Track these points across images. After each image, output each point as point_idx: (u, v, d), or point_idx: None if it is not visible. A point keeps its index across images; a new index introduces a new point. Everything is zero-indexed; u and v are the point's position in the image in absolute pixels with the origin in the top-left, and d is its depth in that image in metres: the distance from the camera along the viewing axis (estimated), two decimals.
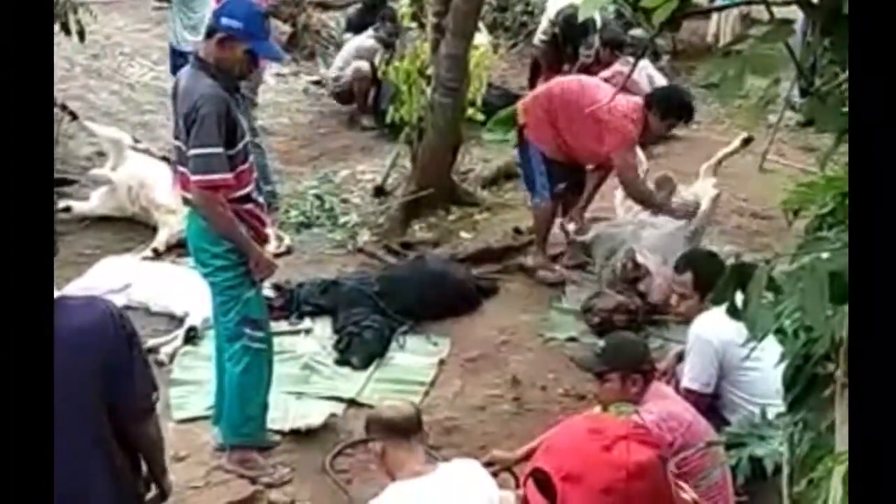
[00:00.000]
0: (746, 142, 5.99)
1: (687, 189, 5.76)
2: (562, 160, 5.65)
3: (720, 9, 7.95)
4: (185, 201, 3.99)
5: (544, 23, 8.72)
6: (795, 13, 1.91)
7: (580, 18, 1.87)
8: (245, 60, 3.85)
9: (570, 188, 5.79)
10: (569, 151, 5.63)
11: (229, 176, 3.78)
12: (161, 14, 9.29)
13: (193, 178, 3.75)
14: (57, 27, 6.82)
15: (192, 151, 3.73)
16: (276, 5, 9.15)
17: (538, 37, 8.77)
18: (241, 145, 3.86)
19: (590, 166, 5.94)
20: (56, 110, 6.69)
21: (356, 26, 8.62)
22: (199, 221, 3.94)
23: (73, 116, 6.66)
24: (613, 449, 3.09)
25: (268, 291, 5.16)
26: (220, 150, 3.73)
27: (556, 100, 5.57)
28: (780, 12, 1.90)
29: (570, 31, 8.10)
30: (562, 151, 5.61)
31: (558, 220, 6.10)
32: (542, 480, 3.12)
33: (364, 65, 7.91)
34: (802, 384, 1.87)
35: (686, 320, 4.17)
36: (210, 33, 3.85)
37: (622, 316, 5.16)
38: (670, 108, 5.50)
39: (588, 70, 8.03)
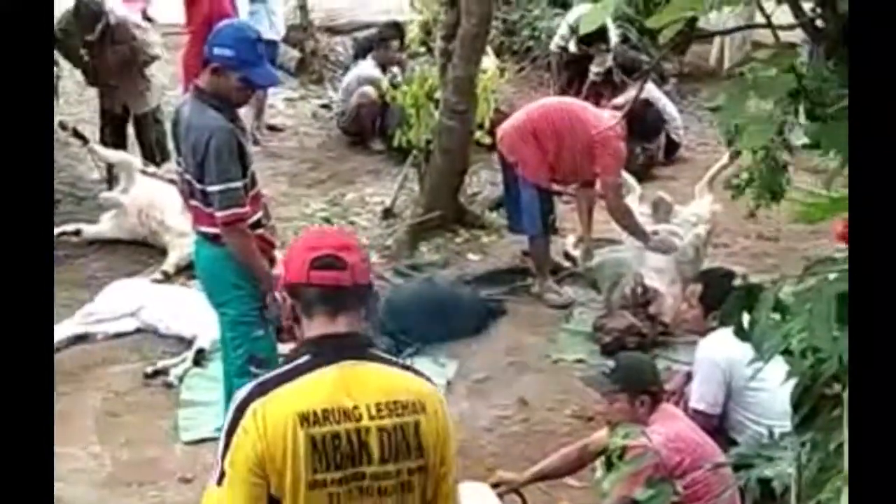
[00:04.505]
0: (735, 155, 6.04)
1: (685, 209, 5.82)
2: (549, 188, 5.76)
3: (726, 32, 8.00)
4: (200, 234, 3.99)
5: (563, 27, 8.71)
6: (800, 35, 1.94)
7: (582, 31, 1.88)
8: (241, 88, 3.81)
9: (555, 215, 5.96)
10: (556, 173, 5.73)
11: (248, 208, 3.82)
12: (171, 40, 9.36)
13: (219, 214, 3.76)
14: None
15: (213, 188, 3.73)
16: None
17: (555, 42, 8.77)
18: (249, 173, 3.89)
19: (574, 186, 6.04)
20: (66, 134, 6.76)
21: (366, 52, 8.66)
22: (210, 249, 3.96)
23: (84, 140, 6.70)
24: None
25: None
26: (238, 183, 3.76)
27: (542, 124, 5.66)
28: (786, 36, 1.93)
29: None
30: (551, 176, 5.70)
31: (562, 247, 6.17)
32: None
33: (370, 89, 7.95)
34: (810, 405, 1.87)
35: (690, 332, 4.24)
36: (205, 63, 3.82)
37: (633, 337, 5.18)
38: (640, 130, 5.75)
39: (597, 91, 8.10)
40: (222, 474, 2.10)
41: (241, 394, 2.14)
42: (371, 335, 2.20)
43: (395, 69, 8.18)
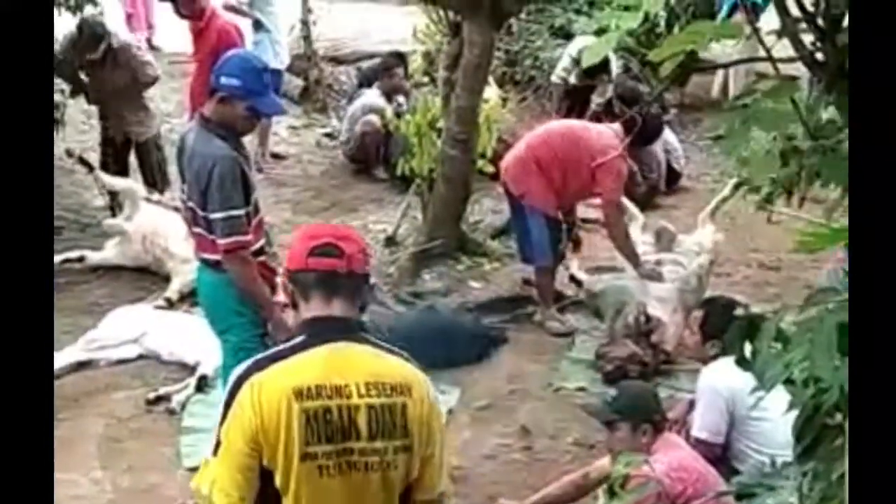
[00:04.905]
0: (738, 186, 6.08)
1: (688, 238, 5.86)
2: (556, 216, 5.79)
3: (726, 65, 8.07)
4: (203, 261, 4.01)
5: (565, 59, 8.83)
6: (800, 68, 1.96)
7: (584, 64, 1.93)
8: (247, 117, 3.86)
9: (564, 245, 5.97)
10: (562, 199, 5.78)
11: (251, 236, 3.85)
12: (176, 68, 9.45)
13: (221, 241, 3.78)
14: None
15: (216, 215, 3.76)
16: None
17: (557, 73, 8.90)
18: (252, 201, 3.92)
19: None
20: (72, 161, 6.81)
21: (369, 81, 8.74)
22: (212, 276, 3.97)
23: (89, 168, 6.74)
24: None
25: None
26: (241, 211, 3.78)
27: (544, 152, 5.70)
28: (786, 68, 1.96)
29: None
30: (558, 202, 5.73)
31: (567, 271, 6.18)
32: None
33: (374, 118, 8.01)
34: (812, 435, 1.88)
35: (689, 358, 4.27)
36: (211, 92, 3.86)
37: (635, 366, 5.18)
38: (641, 136, 5.78)
39: (598, 120, 8.16)
40: (218, 444, 2.20)
41: (238, 370, 2.24)
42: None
43: (401, 98, 8.25)
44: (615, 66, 8.54)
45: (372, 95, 8.32)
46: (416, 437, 2.23)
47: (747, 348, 1.79)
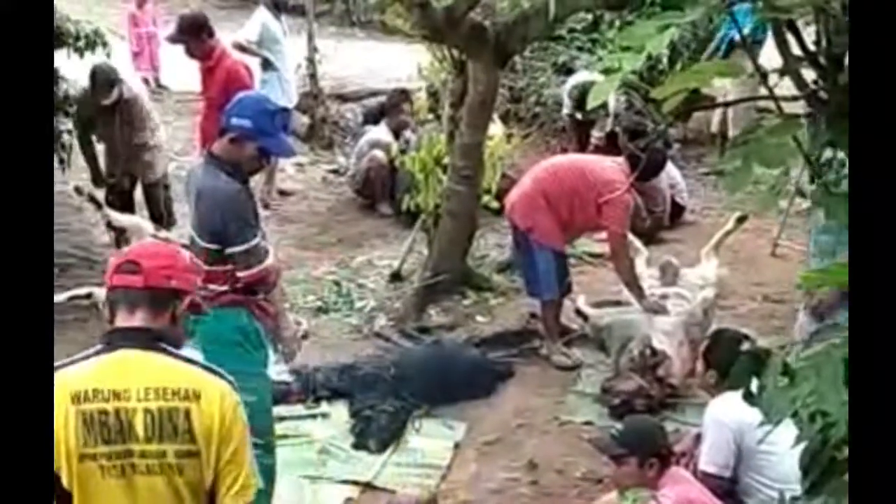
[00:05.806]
0: (741, 220, 6.13)
1: (692, 272, 5.88)
2: (563, 251, 5.83)
3: (729, 104, 8.11)
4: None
5: (564, 96, 8.96)
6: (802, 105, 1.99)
7: (589, 105, 1.94)
8: (256, 157, 3.91)
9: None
10: (568, 233, 5.85)
11: (272, 260, 3.92)
12: (184, 106, 9.54)
13: (242, 274, 3.84)
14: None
15: (235, 249, 3.81)
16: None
17: (564, 111, 9.07)
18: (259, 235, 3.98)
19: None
20: (81, 199, 6.84)
21: (375, 118, 8.81)
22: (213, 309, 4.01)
23: (98, 205, 6.77)
24: None
25: (285, 376, 5.22)
26: (258, 240, 3.85)
27: (552, 187, 5.73)
28: (788, 106, 1.99)
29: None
30: (564, 236, 5.78)
31: (573, 305, 6.19)
32: None
33: (380, 153, 8.09)
34: (819, 469, 1.89)
35: (693, 384, 4.27)
36: (222, 132, 3.91)
37: (642, 400, 5.18)
38: (644, 169, 5.79)
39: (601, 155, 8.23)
40: None
41: None
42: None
43: (409, 133, 8.32)
44: (612, 102, 8.61)
45: (379, 131, 8.40)
46: (203, 445, 2.33)
47: (754, 383, 1.80)
